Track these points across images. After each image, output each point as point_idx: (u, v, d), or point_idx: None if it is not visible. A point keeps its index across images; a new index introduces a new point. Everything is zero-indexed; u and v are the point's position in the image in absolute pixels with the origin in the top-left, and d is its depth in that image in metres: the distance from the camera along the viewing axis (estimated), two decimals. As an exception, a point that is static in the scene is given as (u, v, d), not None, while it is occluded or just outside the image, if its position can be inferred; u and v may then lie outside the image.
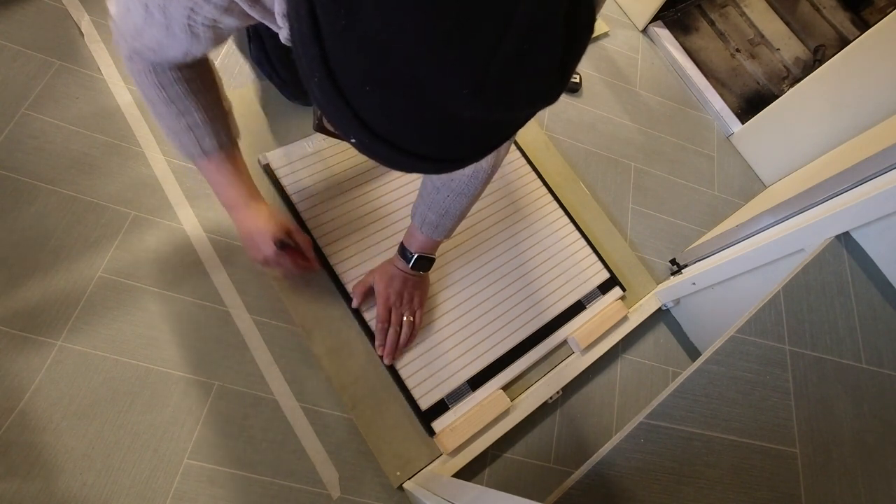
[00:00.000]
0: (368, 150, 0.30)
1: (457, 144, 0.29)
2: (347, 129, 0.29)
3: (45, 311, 0.76)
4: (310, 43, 0.27)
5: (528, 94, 0.27)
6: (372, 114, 0.27)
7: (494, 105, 0.26)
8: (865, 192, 0.76)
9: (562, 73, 0.27)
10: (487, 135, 0.30)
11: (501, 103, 0.26)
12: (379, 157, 0.30)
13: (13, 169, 0.81)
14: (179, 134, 0.61)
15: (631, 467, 0.60)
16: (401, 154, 0.29)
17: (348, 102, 0.27)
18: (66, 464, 0.70)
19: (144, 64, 0.56)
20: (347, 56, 0.26)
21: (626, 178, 1.19)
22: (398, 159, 0.30)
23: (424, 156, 0.29)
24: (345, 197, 0.93)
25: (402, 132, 0.28)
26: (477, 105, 0.26)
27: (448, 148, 0.30)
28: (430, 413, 0.83)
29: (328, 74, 0.27)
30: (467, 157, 0.31)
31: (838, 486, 0.64)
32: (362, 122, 0.28)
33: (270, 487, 0.76)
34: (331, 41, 0.26)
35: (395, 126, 0.28)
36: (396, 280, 0.83)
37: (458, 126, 0.27)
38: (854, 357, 0.73)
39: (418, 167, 0.31)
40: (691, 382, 0.67)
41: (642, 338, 1.04)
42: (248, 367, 0.81)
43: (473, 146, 0.30)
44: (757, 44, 1.54)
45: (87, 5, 0.95)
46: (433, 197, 0.72)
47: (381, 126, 0.28)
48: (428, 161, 0.30)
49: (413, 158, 0.29)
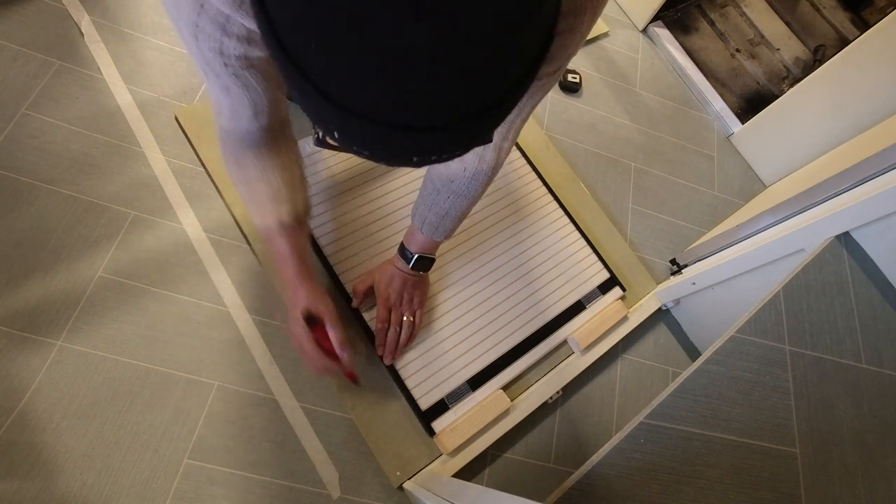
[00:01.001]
0: (349, 137, 0.28)
1: (437, 100, 0.26)
2: (320, 115, 0.27)
3: (45, 311, 0.76)
4: (259, 14, 0.26)
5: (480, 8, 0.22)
6: (333, 81, 0.26)
7: (442, 25, 0.22)
8: (865, 192, 0.76)
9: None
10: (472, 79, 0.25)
11: (449, 22, 0.22)
12: (360, 141, 0.28)
13: (13, 169, 0.81)
14: (248, 204, 0.67)
15: (631, 467, 0.60)
16: (381, 128, 0.26)
17: (307, 76, 0.26)
18: (66, 464, 0.70)
19: (231, 141, 0.62)
20: (284, 13, 0.25)
21: (626, 178, 1.19)
22: (382, 137, 0.27)
23: (409, 125, 0.26)
24: (345, 196, 0.93)
25: (370, 98, 0.26)
26: (423, 29, 0.22)
27: (429, 106, 0.26)
28: (430, 413, 0.83)
29: (280, 48, 0.26)
30: (461, 118, 0.27)
31: (838, 486, 0.64)
32: (328, 96, 0.26)
33: (270, 487, 0.76)
34: (273, 11, 0.26)
35: (359, 90, 0.25)
36: (396, 280, 0.83)
37: (417, 68, 0.24)
38: (854, 357, 0.73)
39: (408, 142, 0.27)
40: (691, 382, 0.67)
41: (642, 338, 1.04)
42: (248, 367, 0.81)
43: (460, 98, 0.26)
44: (757, 44, 1.54)
45: (87, 5, 0.95)
46: (433, 198, 0.72)
47: (346, 95, 0.26)
48: (413, 132, 0.27)
49: (397, 131, 0.27)
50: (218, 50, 0.46)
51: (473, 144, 0.30)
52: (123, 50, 0.94)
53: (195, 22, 0.44)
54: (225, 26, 0.44)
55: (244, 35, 0.45)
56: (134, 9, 0.97)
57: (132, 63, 0.93)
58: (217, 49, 0.46)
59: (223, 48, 0.46)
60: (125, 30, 0.95)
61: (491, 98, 0.27)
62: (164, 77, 0.94)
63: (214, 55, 0.47)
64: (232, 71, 0.49)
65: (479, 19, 0.23)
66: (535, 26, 0.26)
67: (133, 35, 0.96)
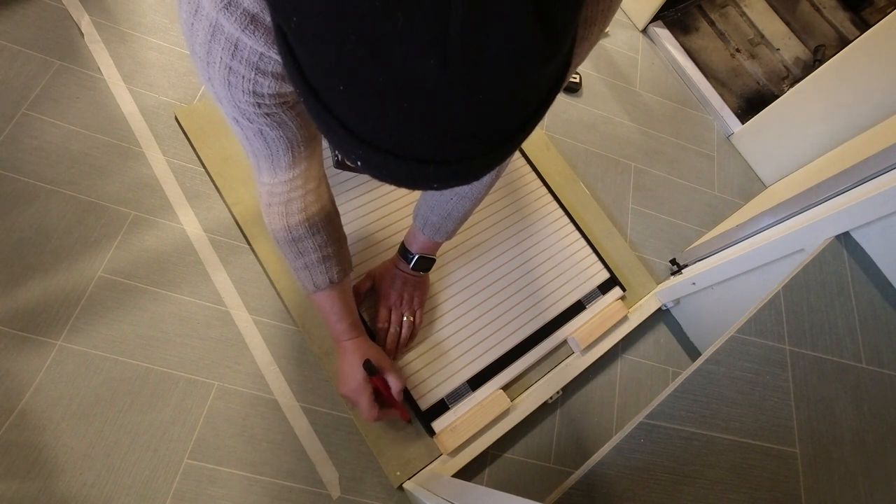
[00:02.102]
0: (372, 168, 0.29)
1: (456, 136, 0.26)
2: (343, 145, 0.28)
3: (45, 311, 0.76)
4: (284, 55, 0.27)
5: (502, 52, 0.23)
6: (357, 118, 0.26)
7: (470, 72, 0.23)
8: (865, 192, 0.76)
9: (540, 16, 0.23)
10: (487, 117, 0.26)
11: (476, 68, 0.23)
12: (384, 172, 0.29)
13: (13, 169, 0.81)
14: (298, 270, 0.67)
15: (631, 467, 0.60)
16: (402, 162, 0.27)
17: (332, 112, 0.27)
18: (66, 464, 0.70)
19: (276, 203, 0.61)
20: (311, 54, 0.25)
21: (626, 178, 1.19)
22: (403, 169, 0.28)
23: (427, 159, 0.27)
24: (346, 196, 0.93)
25: (392, 135, 0.26)
26: (451, 76, 0.23)
27: (448, 142, 0.26)
28: (430, 413, 0.83)
29: (306, 86, 0.27)
30: (476, 153, 0.28)
31: (838, 486, 0.64)
32: (352, 131, 0.27)
33: (270, 487, 0.76)
34: (295, 43, 0.26)
35: (382, 128, 0.26)
36: (397, 280, 0.83)
37: (446, 109, 0.25)
38: (854, 357, 0.73)
39: (428, 173, 0.28)
40: (691, 382, 0.67)
41: (642, 338, 1.04)
42: (248, 367, 0.81)
43: (476, 134, 0.27)
44: (757, 44, 1.54)
45: (87, 5, 0.95)
46: (435, 199, 0.72)
47: (370, 132, 0.26)
48: (433, 165, 0.27)
49: (417, 164, 0.27)
50: (251, 90, 0.45)
51: (492, 169, 0.31)
52: (123, 50, 0.94)
53: (228, 65, 0.43)
54: (258, 65, 0.43)
55: (278, 72, 0.44)
56: (134, 9, 0.98)
57: (132, 63, 0.93)
58: (251, 90, 0.45)
59: (256, 87, 0.45)
60: (125, 30, 0.95)
61: (512, 129, 0.28)
62: (164, 77, 0.94)
63: (247, 97, 0.46)
64: (265, 111, 0.48)
65: (502, 64, 0.24)
66: (554, 62, 0.26)
67: (133, 35, 0.96)
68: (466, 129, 0.26)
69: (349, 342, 0.75)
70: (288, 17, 0.25)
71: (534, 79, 0.26)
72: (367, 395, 0.73)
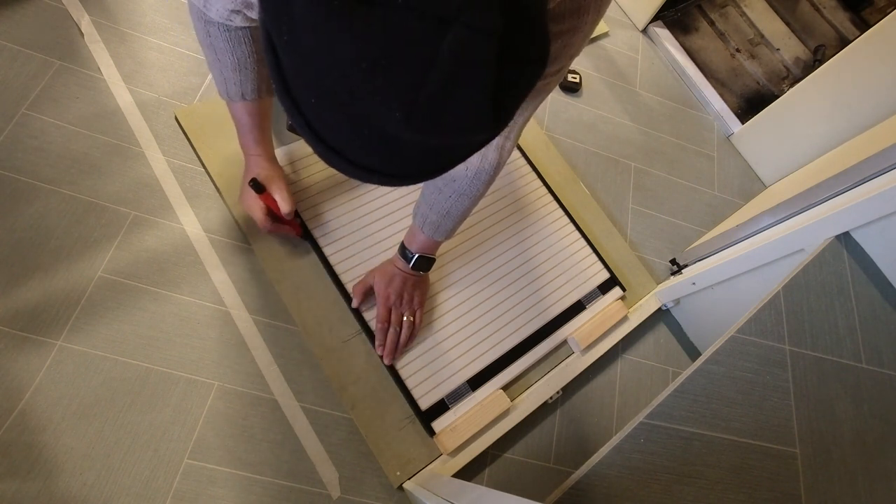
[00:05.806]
0: (324, 158, 0.32)
1: (401, 162, 0.30)
2: (305, 136, 0.31)
3: (45, 311, 0.76)
4: (267, 50, 0.28)
5: (457, 124, 0.28)
6: (321, 124, 0.29)
7: (426, 130, 0.27)
8: (865, 192, 0.76)
9: (494, 106, 0.28)
10: (430, 157, 0.31)
11: (433, 129, 0.27)
12: (333, 165, 0.32)
13: (13, 169, 0.81)
14: (216, 71, 0.68)
15: (631, 467, 0.60)
16: (351, 165, 0.31)
17: (300, 110, 0.29)
18: (66, 464, 0.70)
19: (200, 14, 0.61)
20: (294, 67, 0.28)
21: (626, 178, 1.19)
22: (350, 170, 0.31)
23: (374, 169, 0.31)
24: (346, 196, 0.93)
25: (348, 145, 0.30)
26: (409, 129, 0.27)
27: (394, 164, 0.31)
28: (430, 413, 0.83)
29: (282, 82, 0.29)
30: (415, 175, 0.33)
31: (838, 486, 0.64)
32: (314, 131, 0.29)
33: (270, 487, 0.76)
34: (280, 52, 0.28)
35: (341, 139, 0.29)
36: (396, 280, 0.83)
37: (399, 145, 0.28)
38: (854, 357, 0.73)
39: (372, 179, 0.32)
40: (691, 382, 0.67)
41: (642, 338, 1.04)
42: (248, 367, 0.81)
43: (419, 166, 0.32)
44: (757, 44, 1.54)
45: (87, 5, 0.95)
46: (435, 197, 0.72)
47: (330, 137, 0.29)
48: (377, 174, 0.31)
49: (363, 171, 0.31)
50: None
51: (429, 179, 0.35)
52: (123, 50, 0.94)
53: None
54: None
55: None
56: (134, 9, 0.97)
57: (132, 63, 0.93)
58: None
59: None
60: (125, 30, 0.95)
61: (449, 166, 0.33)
62: (164, 77, 0.94)
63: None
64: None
65: (454, 131, 0.28)
66: (494, 135, 0.31)
67: (133, 35, 0.96)
68: (412, 162, 0.31)
69: (251, 158, 0.79)
70: (280, 31, 0.27)
71: (475, 141, 0.31)
72: (257, 210, 0.80)
